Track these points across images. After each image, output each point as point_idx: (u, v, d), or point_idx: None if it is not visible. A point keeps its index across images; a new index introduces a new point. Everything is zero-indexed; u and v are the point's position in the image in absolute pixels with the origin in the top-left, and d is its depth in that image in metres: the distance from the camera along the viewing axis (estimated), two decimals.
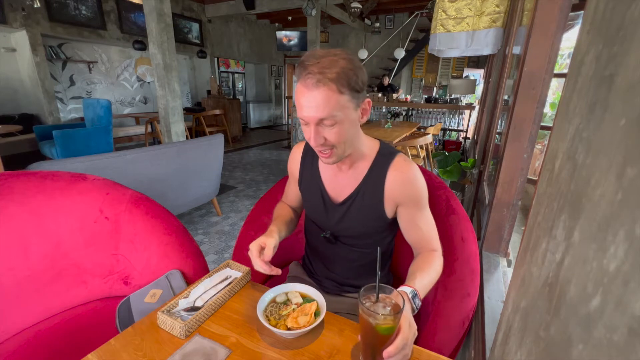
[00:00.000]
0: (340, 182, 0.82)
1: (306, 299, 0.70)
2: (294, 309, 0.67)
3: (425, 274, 0.71)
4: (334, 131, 0.67)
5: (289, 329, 0.62)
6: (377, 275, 0.59)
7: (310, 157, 0.87)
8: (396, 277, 1.15)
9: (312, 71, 0.63)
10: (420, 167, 1.10)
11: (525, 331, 0.36)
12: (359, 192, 0.79)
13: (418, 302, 0.63)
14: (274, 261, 0.78)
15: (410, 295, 0.62)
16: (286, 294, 0.72)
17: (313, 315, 0.65)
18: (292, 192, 0.96)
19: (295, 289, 0.72)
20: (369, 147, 0.79)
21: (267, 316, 0.66)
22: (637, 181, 0.19)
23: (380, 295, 0.58)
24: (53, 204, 1.01)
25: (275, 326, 0.63)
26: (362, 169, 0.79)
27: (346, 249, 0.87)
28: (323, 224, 0.87)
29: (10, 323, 0.91)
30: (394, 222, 0.83)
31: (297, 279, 0.98)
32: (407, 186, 0.76)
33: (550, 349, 0.29)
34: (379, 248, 0.62)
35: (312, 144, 0.69)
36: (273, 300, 0.70)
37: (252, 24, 7.91)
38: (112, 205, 1.07)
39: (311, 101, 0.64)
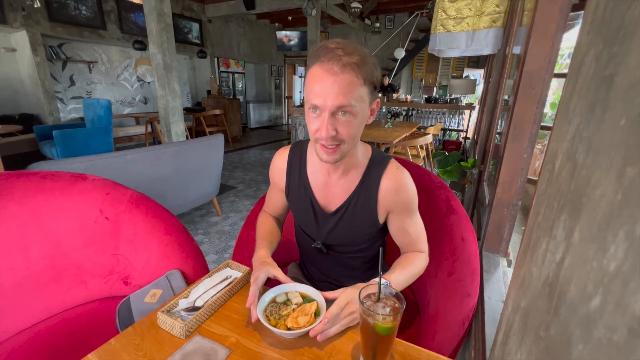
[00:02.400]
0: (331, 191, 0.79)
1: (306, 299, 0.70)
2: (294, 309, 0.66)
3: (404, 271, 0.74)
4: (348, 124, 0.63)
5: (289, 329, 0.62)
6: (379, 275, 0.59)
7: (297, 166, 0.82)
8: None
9: (337, 54, 0.59)
10: (420, 167, 1.10)
11: (525, 331, 0.36)
12: (352, 200, 0.77)
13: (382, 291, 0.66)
14: (274, 260, 0.77)
15: (381, 286, 0.65)
16: (286, 294, 0.71)
17: (313, 315, 0.65)
18: (275, 202, 0.91)
19: (295, 289, 0.72)
20: (363, 152, 0.77)
21: (267, 316, 0.65)
22: (637, 181, 0.19)
23: (380, 295, 0.58)
24: (53, 204, 1.01)
25: (275, 326, 0.62)
26: (355, 176, 0.76)
27: (338, 257, 0.87)
28: (313, 234, 0.85)
29: (10, 323, 0.91)
30: (385, 226, 0.82)
31: (295, 280, 0.98)
32: (399, 194, 0.74)
33: (550, 349, 0.29)
34: (380, 249, 0.62)
35: (322, 135, 0.63)
36: (273, 300, 0.70)
37: (252, 24, 7.91)
38: (112, 205, 1.07)
39: (333, 86, 0.59)
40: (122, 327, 0.80)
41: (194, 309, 0.69)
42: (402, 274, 0.73)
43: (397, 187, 0.74)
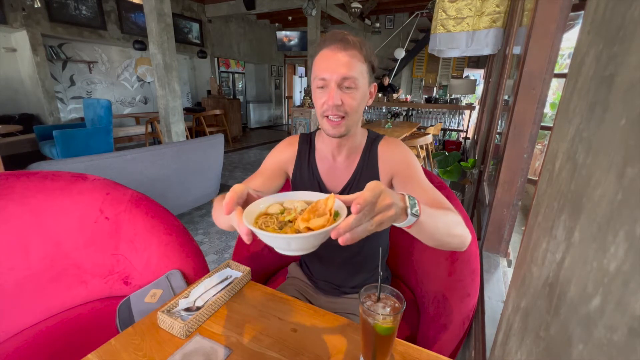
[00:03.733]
0: (336, 173, 0.84)
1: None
2: (300, 212, 0.47)
3: (433, 210, 0.56)
4: (351, 96, 0.70)
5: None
6: (379, 275, 0.59)
7: (306, 153, 0.87)
8: (395, 276, 1.15)
9: (344, 34, 0.70)
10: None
11: (526, 331, 0.36)
12: (356, 177, 0.81)
13: (415, 208, 0.49)
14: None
15: (405, 196, 0.49)
16: (281, 204, 0.50)
17: (332, 215, 0.44)
18: (255, 186, 0.79)
19: (295, 197, 0.50)
20: (362, 135, 0.84)
21: (260, 227, 0.44)
22: (637, 181, 0.19)
23: (380, 295, 0.58)
24: (53, 204, 1.01)
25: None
26: (356, 156, 0.82)
27: (342, 248, 0.87)
28: None
29: (10, 323, 0.91)
30: None
31: (296, 280, 0.98)
32: (396, 153, 0.79)
33: (550, 349, 0.29)
34: (381, 249, 0.62)
35: (329, 104, 0.70)
36: (264, 213, 0.48)
37: (252, 24, 7.91)
38: (112, 205, 1.07)
39: (338, 61, 0.68)
40: (122, 327, 0.80)
41: (194, 309, 0.69)
42: (432, 210, 0.55)
43: (393, 148, 0.80)
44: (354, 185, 0.81)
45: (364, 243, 0.81)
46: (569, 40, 1.07)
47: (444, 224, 0.57)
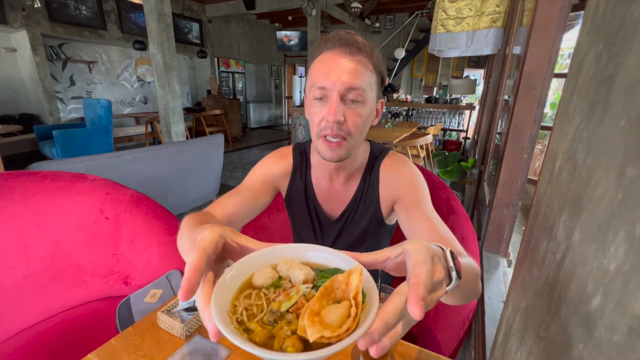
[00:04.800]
0: (334, 197, 0.74)
1: (325, 271, 0.32)
2: (306, 294, 0.28)
3: (462, 259, 0.42)
4: (357, 112, 0.58)
5: (304, 343, 0.25)
6: (379, 275, 0.59)
7: (302, 169, 0.76)
8: (396, 277, 1.16)
9: (352, 35, 0.57)
10: (421, 167, 1.10)
11: (526, 331, 0.36)
12: (355, 201, 0.73)
13: (456, 267, 0.34)
14: None
15: (447, 252, 0.35)
16: (273, 267, 0.32)
17: (359, 299, 0.26)
18: (234, 206, 0.65)
19: (292, 255, 0.33)
20: (363, 152, 0.72)
21: (237, 321, 0.27)
22: (637, 181, 0.19)
23: (381, 294, 0.58)
24: (53, 204, 1.01)
25: (268, 341, 0.26)
26: (357, 177, 0.73)
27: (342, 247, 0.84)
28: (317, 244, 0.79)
29: (10, 323, 0.91)
30: (392, 230, 0.78)
31: None
32: (400, 176, 0.68)
33: (550, 349, 0.29)
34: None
35: (329, 119, 0.56)
36: (246, 286, 0.30)
37: (252, 24, 7.91)
38: (112, 205, 1.07)
39: (343, 67, 0.55)
40: (122, 327, 0.80)
41: (194, 309, 0.69)
42: (462, 260, 0.40)
43: (398, 168, 0.69)
44: (353, 209, 0.73)
45: (364, 245, 0.78)
46: (569, 40, 1.07)
47: (472, 279, 0.42)
